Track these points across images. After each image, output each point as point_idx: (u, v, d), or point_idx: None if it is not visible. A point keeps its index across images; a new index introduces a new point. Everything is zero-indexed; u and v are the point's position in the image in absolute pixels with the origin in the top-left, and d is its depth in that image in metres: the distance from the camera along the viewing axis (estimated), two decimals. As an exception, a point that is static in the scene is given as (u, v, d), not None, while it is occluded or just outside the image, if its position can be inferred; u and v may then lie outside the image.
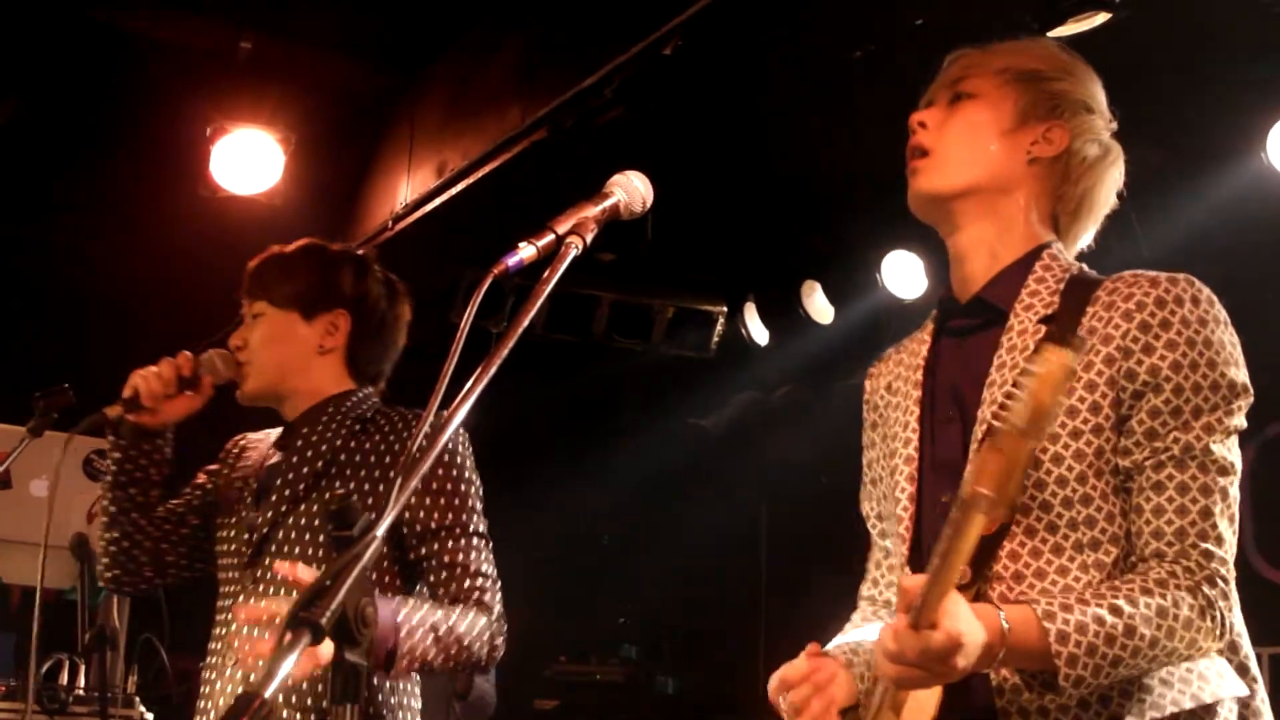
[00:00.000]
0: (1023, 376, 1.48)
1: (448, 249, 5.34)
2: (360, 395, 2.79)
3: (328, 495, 2.61)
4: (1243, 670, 1.86)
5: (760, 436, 7.44)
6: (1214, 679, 1.83)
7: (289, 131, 4.98)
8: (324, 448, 2.67)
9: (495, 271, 1.63)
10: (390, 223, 5.10)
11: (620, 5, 3.91)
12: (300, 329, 2.76)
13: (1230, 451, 1.84)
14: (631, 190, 1.81)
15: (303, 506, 2.62)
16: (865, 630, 2.14)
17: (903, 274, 5.74)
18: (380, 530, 1.33)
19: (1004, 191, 1.99)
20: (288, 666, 1.14)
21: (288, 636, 1.16)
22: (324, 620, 1.18)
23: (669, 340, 6.83)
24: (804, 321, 6.26)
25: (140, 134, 5.26)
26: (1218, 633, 1.79)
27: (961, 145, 1.99)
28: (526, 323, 1.55)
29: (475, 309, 1.58)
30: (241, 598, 2.61)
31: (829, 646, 2.14)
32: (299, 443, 2.71)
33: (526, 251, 1.66)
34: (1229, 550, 1.81)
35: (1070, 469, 1.82)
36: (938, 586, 1.60)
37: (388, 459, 2.64)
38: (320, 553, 2.56)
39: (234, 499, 2.75)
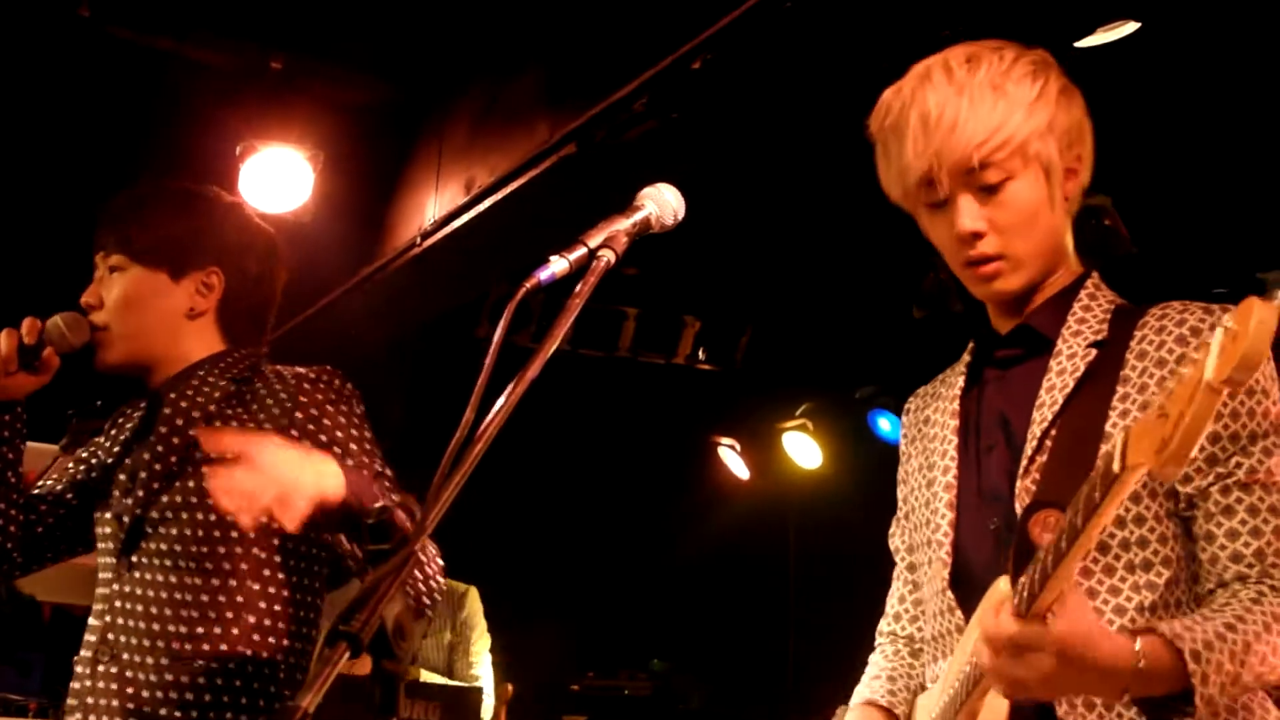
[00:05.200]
0: (1215, 332, 1.39)
1: (476, 265, 5.35)
2: (237, 355, 2.46)
3: (204, 469, 2.27)
4: (1263, 704, 1.85)
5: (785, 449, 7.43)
6: (1258, 710, 1.81)
7: (318, 149, 5.00)
8: (196, 414, 2.36)
9: (527, 285, 1.62)
10: (419, 239, 5.11)
11: (648, 19, 3.91)
12: (167, 290, 2.43)
13: None
14: (663, 203, 1.80)
15: (177, 483, 2.33)
16: (895, 664, 2.12)
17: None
18: (416, 546, 1.33)
19: (1061, 245, 1.97)
20: (329, 679, 1.15)
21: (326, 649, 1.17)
22: (362, 633, 1.19)
23: (695, 354, 6.84)
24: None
25: (170, 152, 5.29)
26: None
27: (1028, 240, 1.91)
28: (561, 336, 1.55)
29: (507, 324, 1.57)
30: (116, 586, 2.36)
31: (861, 691, 2.11)
32: (167, 410, 2.39)
33: (558, 265, 1.65)
34: None
35: None
36: (1053, 575, 1.55)
37: (267, 426, 2.31)
38: (200, 532, 2.30)
39: (105, 481, 2.47)
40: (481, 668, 5.33)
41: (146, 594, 2.32)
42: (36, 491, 2.59)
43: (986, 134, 1.86)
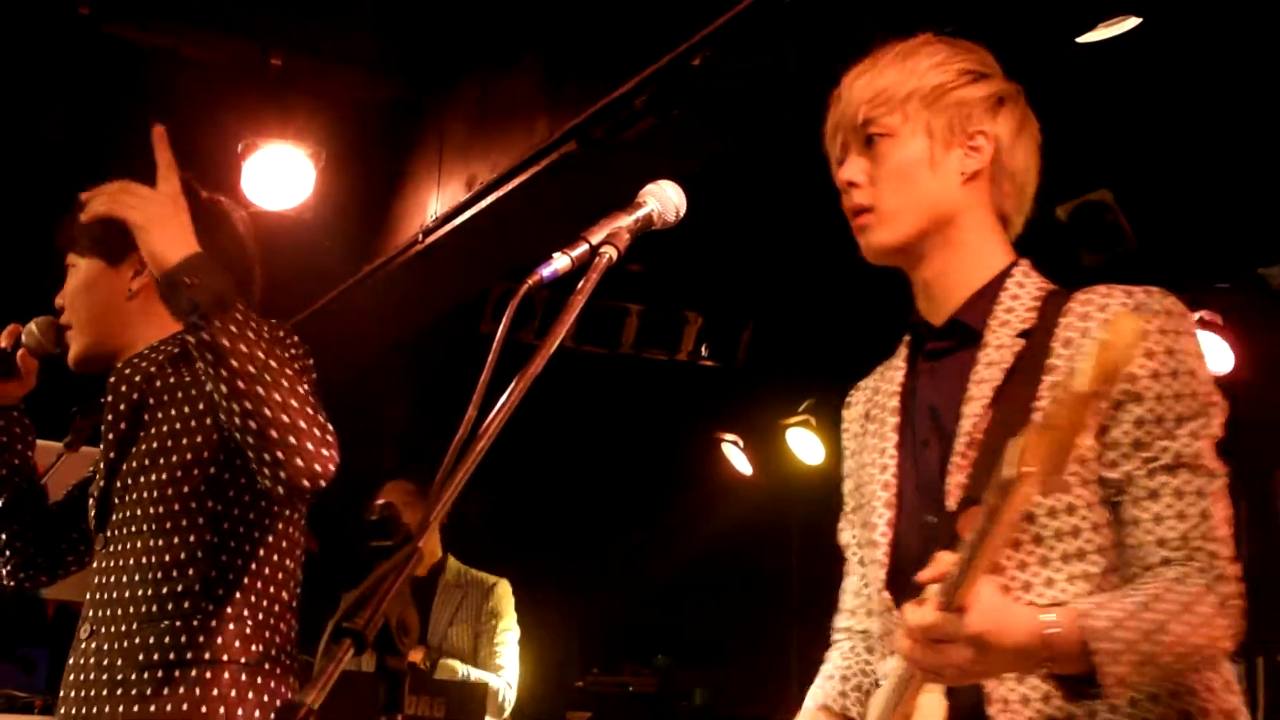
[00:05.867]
0: (1088, 343, 1.47)
1: (478, 262, 5.36)
2: None
3: (153, 430, 2.34)
4: (1227, 687, 1.84)
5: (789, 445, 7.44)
6: (1203, 692, 1.81)
7: (319, 146, 5.00)
8: (137, 378, 2.40)
9: (530, 282, 1.62)
10: (420, 236, 5.12)
11: (647, 16, 3.92)
12: (106, 277, 2.48)
13: (1215, 456, 1.81)
14: (665, 200, 1.80)
15: (131, 449, 2.35)
16: (850, 662, 2.14)
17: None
18: (420, 540, 1.33)
19: (951, 221, 1.96)
20: (334, 676, 1.15)
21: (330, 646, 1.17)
22: (366, 630, 1.19)
23: (697, 351, 6.84)
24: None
25: (171, 150, 5.28)
26: (1233, 630, 1.75)
27: (898, 194, 1.95)
28: (563, 333, 1.55)
29: (510, 321, 1.57)
30: (96, 564, 2.40)
31: (814, 693, 2.13)
32: (112, 379, 2.44)
33: (560, 262, 1.65)
34: (1231, 550, 1.78)
35: None
36: (970, 569, 1.59)
37: (205, 379, 2.25)
38: (154, 493, 2.31)
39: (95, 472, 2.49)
40: (505, 657, 5.29)
41: (117, 564, 2.35)
42: (58, 501, 2.63)
43: (873, 93, 1.98)
